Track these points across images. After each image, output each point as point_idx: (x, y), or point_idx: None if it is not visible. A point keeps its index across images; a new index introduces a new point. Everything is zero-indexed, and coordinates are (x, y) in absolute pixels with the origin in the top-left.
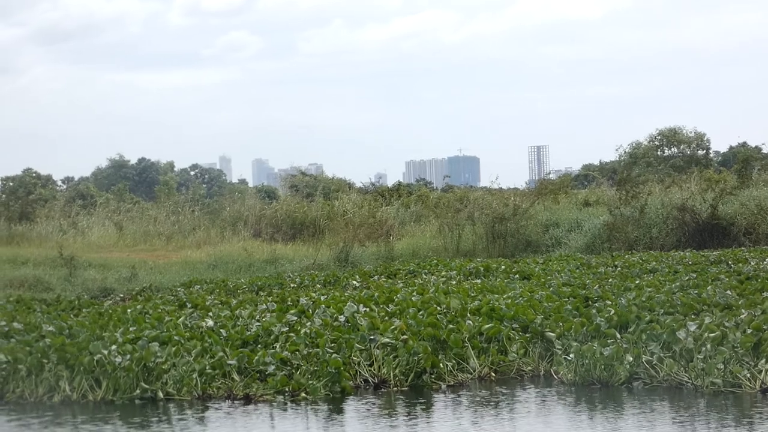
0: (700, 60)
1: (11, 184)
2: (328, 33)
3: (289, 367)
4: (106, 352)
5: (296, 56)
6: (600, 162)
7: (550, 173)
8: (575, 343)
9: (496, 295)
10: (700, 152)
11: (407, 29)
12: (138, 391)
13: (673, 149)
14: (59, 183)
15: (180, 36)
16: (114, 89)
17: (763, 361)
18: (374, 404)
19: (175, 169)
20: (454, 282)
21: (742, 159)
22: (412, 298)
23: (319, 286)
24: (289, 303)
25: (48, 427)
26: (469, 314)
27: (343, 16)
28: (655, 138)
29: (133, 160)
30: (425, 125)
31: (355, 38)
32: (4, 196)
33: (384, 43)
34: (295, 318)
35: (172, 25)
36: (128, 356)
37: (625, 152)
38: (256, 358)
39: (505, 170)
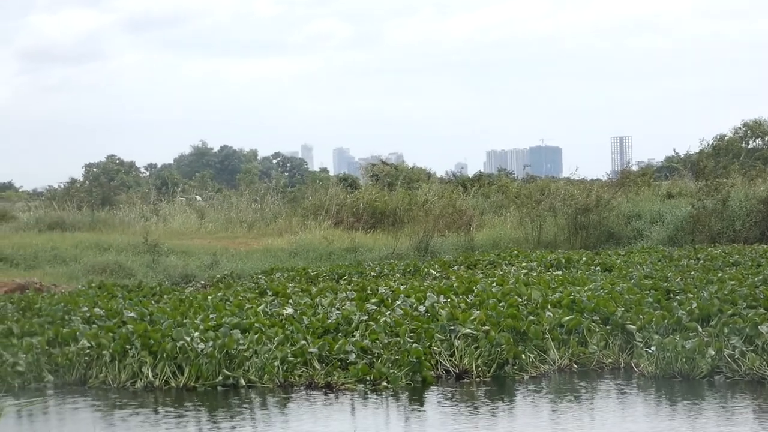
0: None
1: (95, 170)
2: (415, 22)
3: (369, 356)
4: (188, 338)
5: (382, 45)
6: (685, 154)
7: (632, 164)
8: (656, 336)
9: (577, 287)
10: None
11: (495, 19)
12: (220, 378)
13: (758, 141)
14: (142, 169)
15: (268, 24)
16: (200, 77)
17: None
18: (456, 394)
19: (258, 157)
20: (534, 273)
21: None
22: (492, 289)
23: (398, 275)
24: (368, 292)
25: (132, 412)
26: (549, 306)
27: (432, 4)
28: (740, 129)
29: (216, 148)
30: (507, 115)
31: (442, 27)
32: (87, 182)
33: (471, 33)
34: (375, 307)
35: (260, 13)
36: (211, 343)
37: (708, 144)
38: (337, 346)
39: (587, 161)
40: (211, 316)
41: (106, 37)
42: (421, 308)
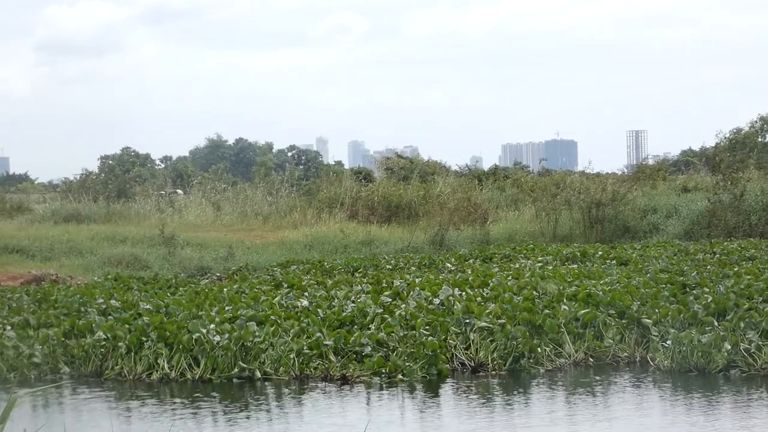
0: None
1: (110, 162)
2: (433, 15)
3: (384, 349)
4: (204, 330)
5: (400, 38)
6: (700, 148)
7: (648, 158)
8: (672, 330)
9: (593, 281)
10: None
11: (513, 12)
12: (236, 370)
13: None
14: (157, 162)
15: (285, 17)
16: (217, 69)
17: None
18: (471, 387)
19: (273, 150)
20: (550, 267)
21: None
22: (508, 283)
23: (413, 268)
24: (384, 285)
25: (148, 404)
26: (565, 299)
27: None
28: (756, 123)
29: (231, 141)
30: (523, 108)
31: (459, 20)
32: (102, 174)
33: (489, 26)
34: (390, 300)
35: (278, 5)
36: (226, 335)
37: (725, 138)
38: (353, 338)
39: (603, 155)
40: (226, 308)
41: (123, 29)
42: (436, 301)
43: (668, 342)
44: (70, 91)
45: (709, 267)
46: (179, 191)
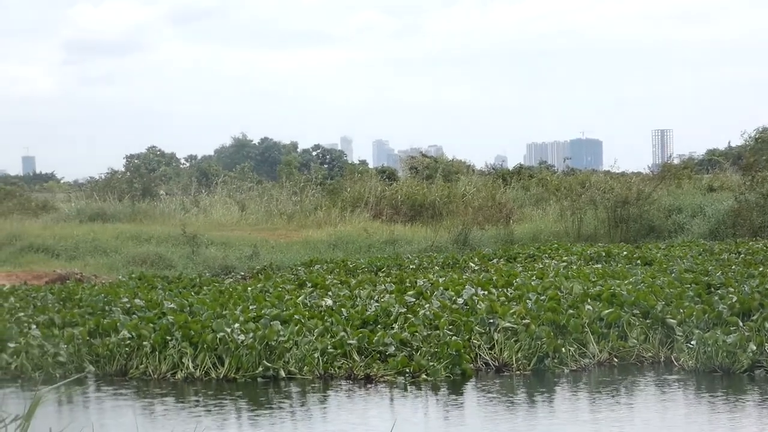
0: None
1: (135, 161)
2: (457, 14)
3: (408, 348)
4: (229, 330)
5: (425, 37)
6: (725, 147)
7: (673, 157)
8: (697, 330)
9: (617, 281)
10: None
11: (537, 10)
12: (260, 370)
13: None
14: (182, 161)
15: (310, 16)
16: (242, 68)
17: None
18: (495, 387)
19: (298, 149)
20: (574, 267)
21: None
22: (532, 283)
23: (437, 267)
24: (407, 284)
25: (172, 403)
26: (589, 299)
27: None
28: None
29: (256, 140)
30: (548, 107)
31: (484, 19)
32: (128, 173)
33: (514, 24)
34: (414, 299)
35: (303, 4)
36: (251, 334)
37: (750, 137)
38: (376, 338)
39: (628, 154)
40: (251, 307)
41: (149, 28)
42: (460, 301)
43: (693, 342)
44: (95, 90)
45: (734, 267)
46: (162, 192)
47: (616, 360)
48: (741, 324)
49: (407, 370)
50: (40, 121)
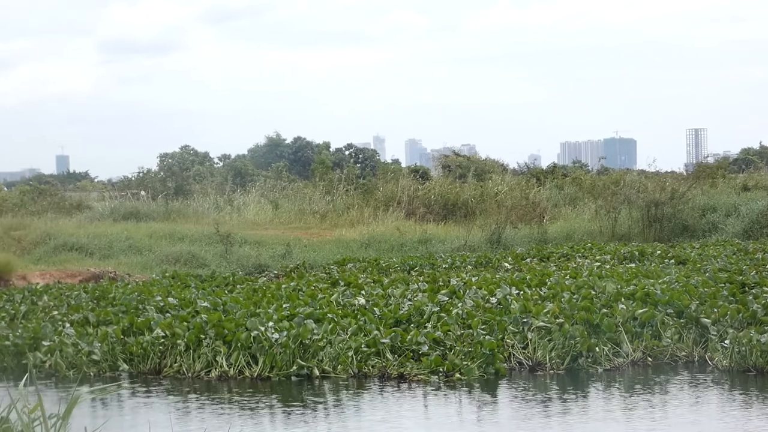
0: None
1: (169, 160)
2: (493, 12)
3: (441, 348)
4: (263, 328)
5: (459, 36)
6: (760, 146)
7: (708, 156)
8: (731, 330)
9: (651, 280)
10: None
11: (573, 9)
12: (294, 368)
13: None
14: (216, 160)
15: (345, 15)
16: (276, 67)
17: None
18: (529, 387)
19: (331, 148)
20: (608, 266)
21: None
22: (566, 282)
23: (470, 267)
24: (440, 283)
25: (206, 402)
26: (623, 299)
27: None
28: None
29: (289, 139)
30: (582, 106)
31: (519, 18)
32: (161, 172)
33: (548, 23)
34: (447, 298)
35: (338, 3)
36: (285, 333)
37: None
38: (409, 337)
39: (662, 153)
40: (284, 305)
41: (184, 28)
42: (493, 300)
43: (727, 342)
44: (130, 90)
45: None
46: (143, 192)
47: (649, 359)
48: None
49: (441, 370)
50: (74, 121)
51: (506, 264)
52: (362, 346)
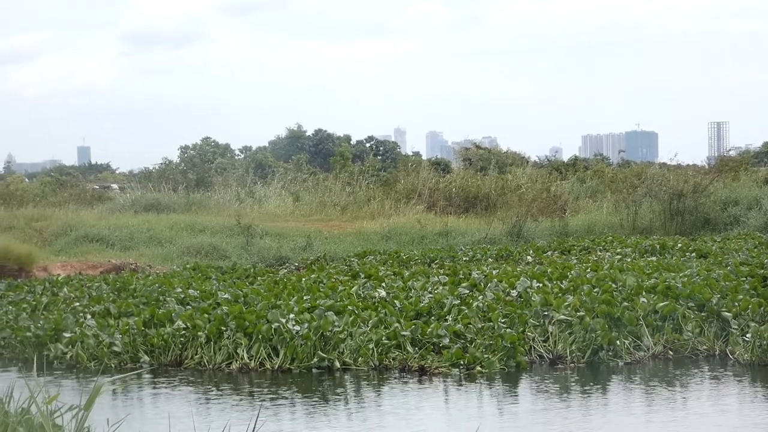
0: None
1: (190, 152)
2: (516, 5)
3: (462, 340)
4: (284, 320)
5: (481, 28)
6: None
7: (730, 150)
8: (752, 323)
9: (672, 273)
10: None
11: (596, 2)
12: (315, 360)
13: None
14: (237, 152)
15: (367, 7)
16: (298, 59)
17: None
18: (550, 380)
19: (352, 141)
20: (629, 259)
21: None
22: (587, 275)
23: (491, 260)
24: (460, 276)
25: (227, 394)
26: (644, 292)
27: None
28: None
29: (310, 131)
30: (604, 99)
31: (542, 11)
32: (183, 164)
33: (571, 17)
34: (467, 291)
35: None
36: (306, 325)
37: None
38: (430, 329)
39: (684, 146)
40: (305, 298)
41: (206, 19)
42: (514, 293)
43: (748, 335)
44: (152, 82)
45: None
46: (114, 185)
47: (670, 353)
48: None
49: (462, 362)
50: (96, 112)
51: (527, 257)
52: (383, 338)
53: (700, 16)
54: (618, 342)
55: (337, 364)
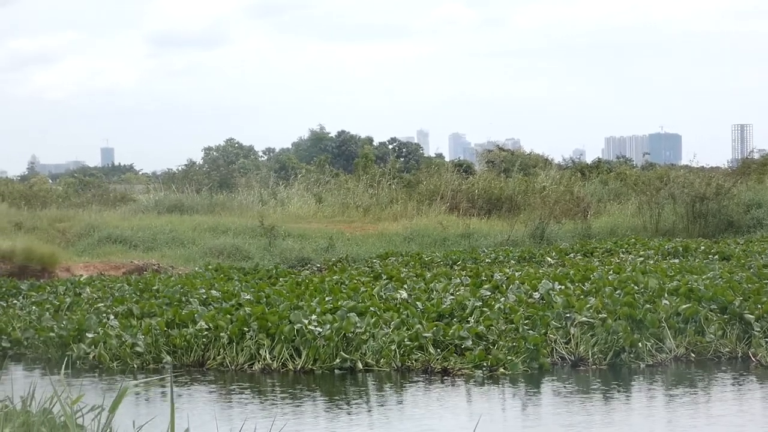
0: None
1: (214, 153)
2: (541, 7)
3: (484, 342)
4: (306, 321)
5: (505, 29)
6: None
7: (753, 152)
8: None
9: (695, 276)
10: None
11: (621, 4)
12: (338, 361)
13: None
14: (260, 153)
15: (391, 8)
16: (322, 60)
17: None
18: (572, 382)
19: (374, 142)
20: (651, 261)
21: None
22: (609, 277)
23: (513, 262)
24: (482, 278)
25: (250, 395)
26: (666, 294)
27: None
28: None
29: (333, 133)
30: (627, 101)
31: (567, 12)
32: (206, 165)
33: (596, 18)
34: (489, 293)
35: None
36: (328, 326)
37: None
38: (452, 331)
39: (708, 149)
40: (327, 299)
41: (230, 21)
42: (536, 295)
43: None
44: (176, 83)
45: None
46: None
47: (693, 355)
48: None
49: (484, 364)
50: (120, 113)
51: (549, 259)
52: (405, 339)
53: (726, 17)
54: (640, 344)
55: (360, 365)
